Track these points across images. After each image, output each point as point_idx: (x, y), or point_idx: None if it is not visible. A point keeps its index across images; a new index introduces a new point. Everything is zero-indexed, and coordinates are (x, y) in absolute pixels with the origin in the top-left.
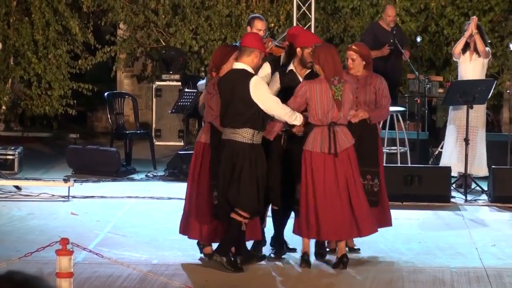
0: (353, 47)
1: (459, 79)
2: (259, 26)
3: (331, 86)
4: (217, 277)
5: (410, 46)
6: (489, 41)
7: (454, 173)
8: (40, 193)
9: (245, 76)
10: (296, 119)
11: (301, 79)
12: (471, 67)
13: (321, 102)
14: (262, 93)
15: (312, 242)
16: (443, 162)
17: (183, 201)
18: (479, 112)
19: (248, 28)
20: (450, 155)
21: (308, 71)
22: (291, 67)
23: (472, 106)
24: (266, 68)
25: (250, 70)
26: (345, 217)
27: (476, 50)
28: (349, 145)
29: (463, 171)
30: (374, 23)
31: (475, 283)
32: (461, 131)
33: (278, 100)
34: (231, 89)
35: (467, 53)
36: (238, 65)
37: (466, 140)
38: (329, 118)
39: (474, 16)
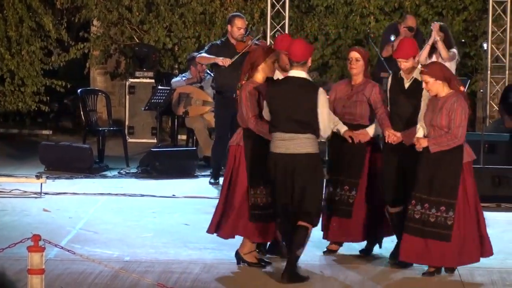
0: (423, 69)
1: None
2: (240, 24)
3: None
4: (189, 276)
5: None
6: (463, 40)
7: None
8: (12, 189)
9: None
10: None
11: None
12: None
13: None
14: None
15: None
16: None
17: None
18: None
19: (229, 27)
20: None
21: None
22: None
23: None
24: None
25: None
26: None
27: None
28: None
29: None
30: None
31: (447, 282)
32: None
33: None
34: None
35: (434, 57)
36: None
37: None
38: None
39: (435, 22)
